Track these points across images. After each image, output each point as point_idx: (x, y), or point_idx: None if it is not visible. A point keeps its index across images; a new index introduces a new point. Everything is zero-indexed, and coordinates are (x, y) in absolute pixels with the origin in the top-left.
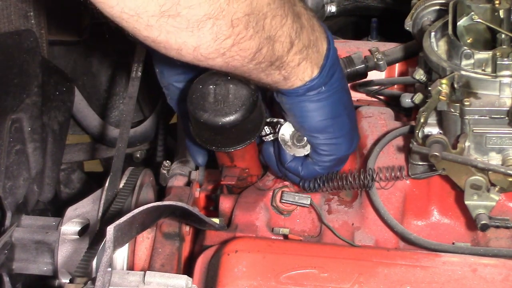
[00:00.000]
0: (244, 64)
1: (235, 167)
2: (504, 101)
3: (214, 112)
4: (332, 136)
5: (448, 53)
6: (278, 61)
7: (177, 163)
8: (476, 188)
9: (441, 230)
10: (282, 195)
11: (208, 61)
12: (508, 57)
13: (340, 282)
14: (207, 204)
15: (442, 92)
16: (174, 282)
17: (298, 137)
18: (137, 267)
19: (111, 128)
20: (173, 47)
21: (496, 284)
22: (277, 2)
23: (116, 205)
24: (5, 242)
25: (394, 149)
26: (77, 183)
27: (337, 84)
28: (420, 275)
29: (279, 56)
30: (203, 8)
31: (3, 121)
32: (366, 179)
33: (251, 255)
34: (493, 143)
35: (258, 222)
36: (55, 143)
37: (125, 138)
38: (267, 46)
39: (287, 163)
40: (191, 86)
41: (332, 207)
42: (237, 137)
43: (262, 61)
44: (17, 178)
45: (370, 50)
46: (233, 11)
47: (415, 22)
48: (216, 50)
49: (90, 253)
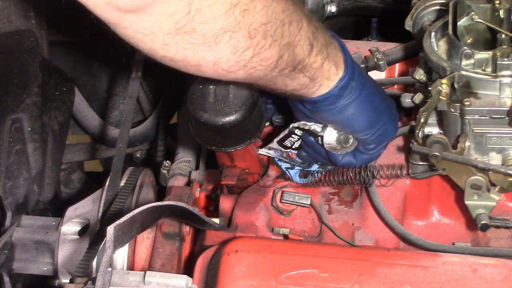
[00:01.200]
0: (267, 73)
1: (235, 167)
2: (504, 101)
3: (214, 112)
4: (379, 127)
5: (448, 53)
6: (300, 65)
7: (177, 163)
8: (476, 188)
9: (441, 230)
10: (282, 195)
11: (230, 75)
12: (508, 57)
13: (340, 282)
14: (207, 204)
15: (442, 92)
16: (174, 282)
17: (344, 139)
18: (137, 267)
19: (111, 128)
20: (192, 64)
21: (496, 284)
22: (291, 7)
23: (116, 205)
24: (5, 242)
25: (394, 149)
26: (77, 183)
27: (362, 75)
28: (420, 275)
29: (300, 60)
30: (218, 22)
31: (3, 121)
32: (366, 176)
33: (251, 255)
34: (493, 143)
35: (258, 222)
36: (55, 143)
37: (125, 138)
38: (288, 52)
39: (340, 163)
40: (191, 86)
41: (332, 207)
42: (237, 137)
43: (284, 67)
44: (17, 178)
45: (370, 50)
46: (249, 22)
47: (415, 22)
48: (236, 63)
49: (90, 253)
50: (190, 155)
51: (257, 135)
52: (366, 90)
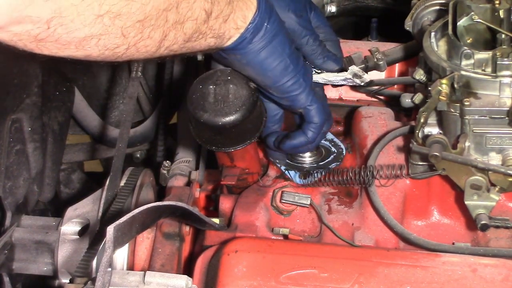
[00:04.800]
0: (150, 55)
1: (235, 167)
2: (504, 101)
3: (214, 112)
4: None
5: (448, 53)
6: (196, 33)
7: (177, 163)
8: (476, 188)
9: (441, 230)
10: (282, 195)
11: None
12: (508, 57)
13: (340, 282)
14: (207, 204)
15: (442, 92)
16: (174, 282)
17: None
18: (137, 267)
19: (111, 128)
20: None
21: (496, 284)
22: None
23: (116, 205)
24: (5, 242)
25: (394, 149)
26: (77, 183)
27: (277, 22)
28: (420, 275)
29: (194, 31)
30: (83, 31)
31: (3, 121)
32: (366, 176)
33: (251, 255)
34: (493, 143)
35: (258, 222)
36: (55, 143)
37: (125, 138)
38: (174, 30)
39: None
40: (191, 86)
41: (332, 207)
42: (237, 137)
43: (173, 43)
44: (17, 178)
45: (370, 50)
46: (121, 24)
47: (415, 22)
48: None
49: (90, 253)
50: (190, 155)
51: (257, 135)
52: (280, 36)
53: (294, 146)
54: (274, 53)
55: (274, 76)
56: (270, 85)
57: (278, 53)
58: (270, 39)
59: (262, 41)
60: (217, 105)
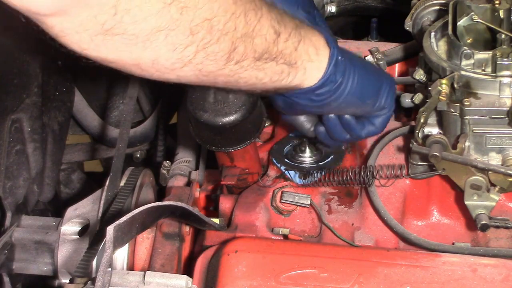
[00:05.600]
0: (220, 67)
1: (235, 167)
2: (504, 101)
3: (214, 112)
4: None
5: (448, 53)
6: (266, 54)
7: (177, 163)
8: (476, 188)
9: (441, 230)
10: (282, 195)
11: (175, 72)
12: (508, 57)
13: (340, 282)
14: (207, 204)
15: (442, 92)
16: (174, 282)
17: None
18: (137, 267)
19: (111, 128)
20: (130, 63)
21: (496, 284)
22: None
23: (116, 205)
24: (5, 242)
25: (394, 149)
26: (77, 183)
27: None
28: (420, 275)
29: (264, 49)
30: (150, 22)
31: (3, 121)
32: (366, 176)
33: (251, 255)
34: (493, 143)
35: (258, 222)
36: (55, 143)
37: (125, 138)
38: (244, 44)
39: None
40: (191, 86)
41: (332, 207)
42: (237, 137)
43: (242, 59)
44: (17, 178)
45: (370, 50)
46: (189, 19)
47: (415, 22)
48: (179, 60)
49: (90, 253)
50: (190, 155)
51: (257, 135)
52: (355, 58)
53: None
54: (362, 74)
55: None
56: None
57: (365, 72)
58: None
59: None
60: (217, 105)
